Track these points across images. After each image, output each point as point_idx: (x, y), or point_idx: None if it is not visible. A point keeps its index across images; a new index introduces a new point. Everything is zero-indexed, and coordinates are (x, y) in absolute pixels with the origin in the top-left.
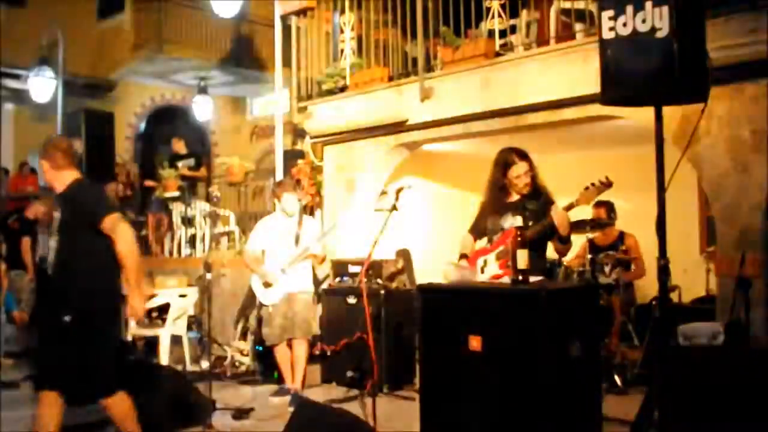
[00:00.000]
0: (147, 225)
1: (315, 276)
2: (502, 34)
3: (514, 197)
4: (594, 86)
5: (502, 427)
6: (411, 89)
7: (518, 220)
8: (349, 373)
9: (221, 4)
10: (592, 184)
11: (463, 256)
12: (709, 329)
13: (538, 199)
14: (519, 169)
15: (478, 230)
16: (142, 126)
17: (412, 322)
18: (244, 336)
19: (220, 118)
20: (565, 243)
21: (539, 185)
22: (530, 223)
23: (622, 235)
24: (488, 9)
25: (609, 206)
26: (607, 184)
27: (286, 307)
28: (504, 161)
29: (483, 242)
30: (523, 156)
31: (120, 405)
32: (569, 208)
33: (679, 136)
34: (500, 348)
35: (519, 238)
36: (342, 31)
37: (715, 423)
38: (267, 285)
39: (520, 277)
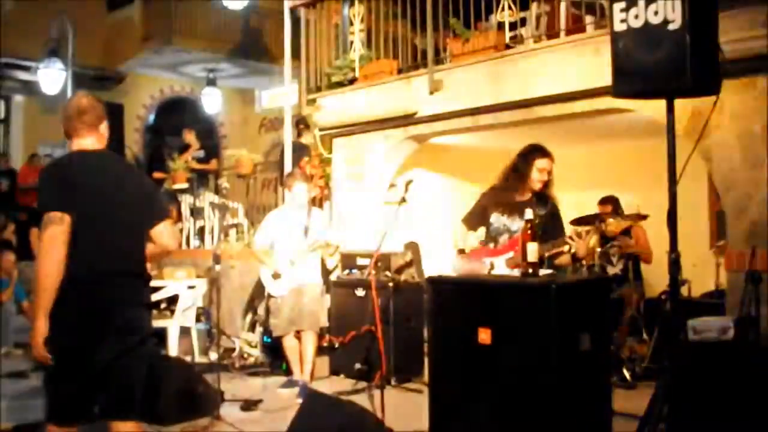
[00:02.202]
0: None
1: (325, 267)
2: (512, 26)
3: (525, 196)
4: (605, 79)
5: (510, 419)
6: (420, 81)
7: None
8: (358, 365)
9: None
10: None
11: (460, 251)
12: (719, 324)
13: (546, 204)
14: (545, 163)
15: (476, 220)
16: (151, 118)
17: (420, 315)
18: (252, 327)
19: (229, 110)
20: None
21: (551, 190)
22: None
23: (630, 227)
24: (498, 1)
25: (615, 202)
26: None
27: (294, 298)
28: (534, 150)
29: (477, 236)
30: (550, 154)
31: None
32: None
33: (690, 129)
34: (509, 341)
35: (530, 231)
36: (351, 23)
37: (725, 418)
38: (276, 276)
39: (530, 270)
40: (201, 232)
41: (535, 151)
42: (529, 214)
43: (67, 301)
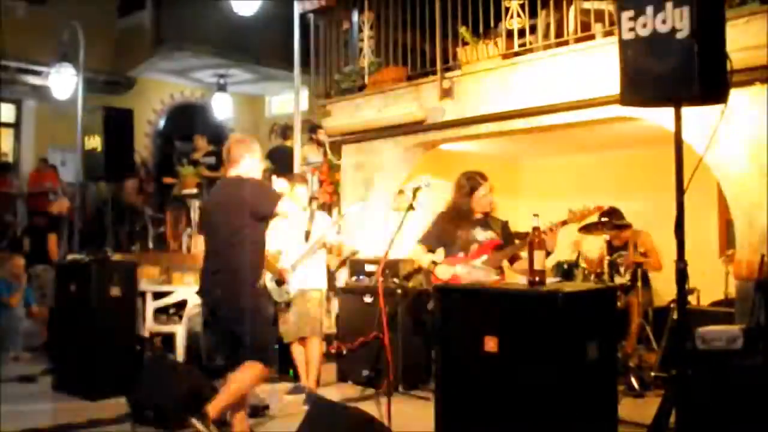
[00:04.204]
0: (165, 222)
1: (328, 269)
2: (521, 33)
3: (477, 215)
4: (613, 87)
5: (516, 427)
6: (429, 89)
7: (489, 234)
8: (365, 372)
9: (241, 3)
10: (578, 209)
11: (433, 263)
12: (728, 333)
13: (496, 220)
14: (484, 189)
15: (435, 241)
16: (161, 123)
17: (428, 322)
18: None
19: (239, 116)
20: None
21: (494, 209)
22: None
23: (634, 234)
24: (507, 9)
25: (614, 213)
26: (599, 209)
27: (298, 304)
28: (470, 186)
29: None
30: (485, 177)
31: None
32: (562, 224)
33: (698, 137)
34: (516, 349)
35: (537, 240)
36: (361, 30)
37: (732, 428)
38: (279, 282)
39: (537, 279)
40: None
41: (471, 187)
42: (489, 234)
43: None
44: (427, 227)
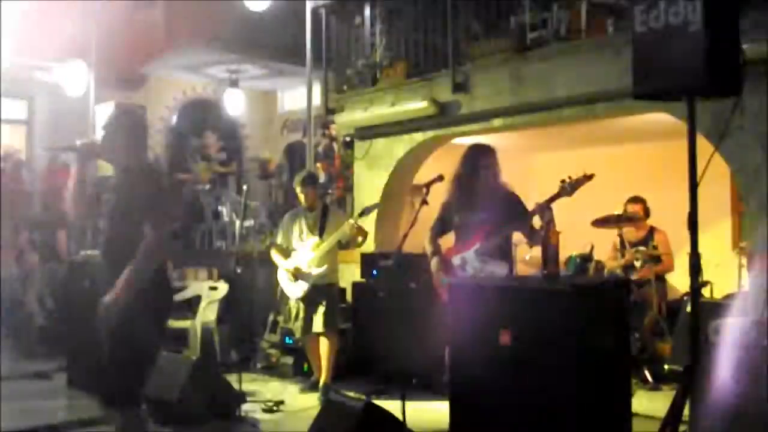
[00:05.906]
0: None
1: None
2: (534, 27)
3: (481, 192)
4: (626, 80)
5: (530, 421)
6: (442, 83)
7: (484, 216)
8: (380, 367)
9: None
10: (570, 177)
11: (434, 254)
12: (741, 325)
13: (500, 193)
14: (490, 158)
15: (440, 229)
16: (174, 119)
17: (442, 317)
18: (273, 328)
19: (252, 111)
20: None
21: (503, 180)
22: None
23: (652, 231)
24: (519, 2)
25: (644, 202)
26: (588, 177)
27: (312, 299)
28: (475, 153)
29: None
30: (492, 149)
31: None
32: (553, 199)
33: (712, 130)
34: (530, 343)
35: (549, 233)
36: (373, 25)
37: (745, 421)
38: (293, 278)
39: (550, 272)
40: (223, 233)
41: (476, 153)
42: (492, 215)
43: None
44: (438, 213)
